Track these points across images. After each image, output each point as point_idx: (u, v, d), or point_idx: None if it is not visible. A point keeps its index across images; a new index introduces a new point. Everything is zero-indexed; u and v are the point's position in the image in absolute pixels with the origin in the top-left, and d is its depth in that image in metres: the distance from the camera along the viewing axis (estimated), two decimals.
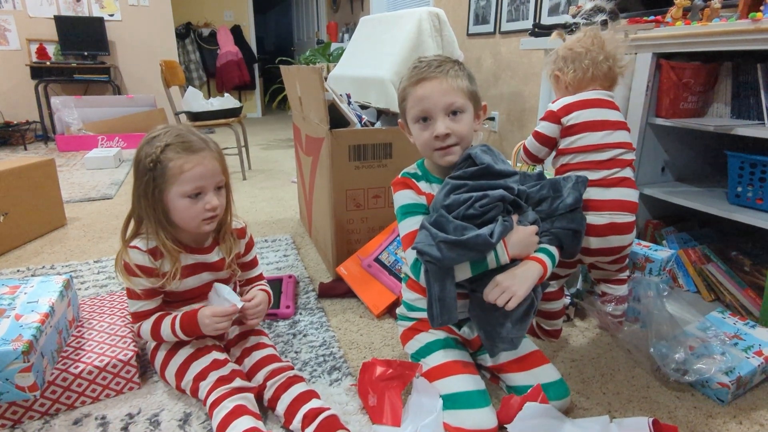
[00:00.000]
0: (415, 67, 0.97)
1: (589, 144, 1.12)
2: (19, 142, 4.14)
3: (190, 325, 1.00)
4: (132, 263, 0.98)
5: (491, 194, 0.91)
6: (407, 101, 0.98)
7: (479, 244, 0.87)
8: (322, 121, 1.49)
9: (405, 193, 1.02)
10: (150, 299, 1.03)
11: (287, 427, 0.93)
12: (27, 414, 0.96)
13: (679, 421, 0.98)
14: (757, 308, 1.28)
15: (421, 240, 0.90)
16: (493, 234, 0.88)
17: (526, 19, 2.78)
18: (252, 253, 1.18)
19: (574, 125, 1.13)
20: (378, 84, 2.28)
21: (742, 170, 1.26)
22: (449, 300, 0.91)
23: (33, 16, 4.33)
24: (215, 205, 0.98)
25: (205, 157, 0.96)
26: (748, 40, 1.16)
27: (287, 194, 2.69)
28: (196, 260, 1.05)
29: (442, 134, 0.94)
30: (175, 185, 0.94)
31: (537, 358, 1.02)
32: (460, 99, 0.95)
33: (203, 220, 0.98)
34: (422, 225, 0.93)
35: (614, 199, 1.10)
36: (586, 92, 1.17)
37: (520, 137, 2.79)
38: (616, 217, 1.09)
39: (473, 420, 0.89)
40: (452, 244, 0.87)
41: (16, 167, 1.88)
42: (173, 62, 3.25)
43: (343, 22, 5.78)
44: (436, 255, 0.87)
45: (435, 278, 0.91)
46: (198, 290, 1.07)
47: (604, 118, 1.13)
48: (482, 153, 0.95)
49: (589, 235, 1.10)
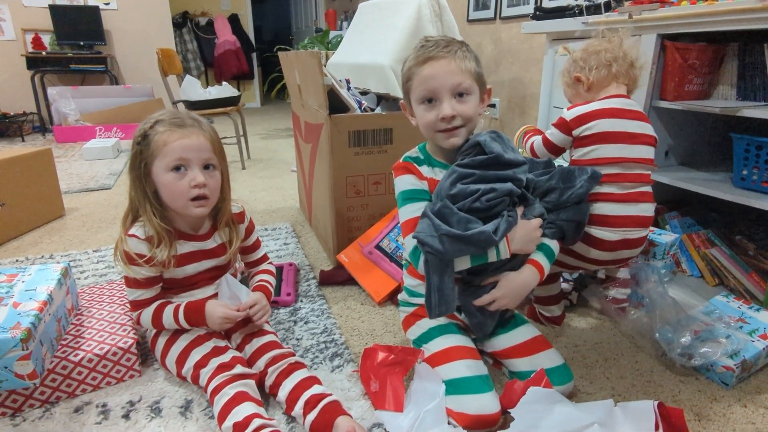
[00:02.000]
0: (422, 47, 0.95)
1: (602, 157, 1.06)
2: (17, 134, 4.11)
3: (195, 316, 0.99)
4: (131, 251, 0.97)
5: (499, 188, 0.89)
6: (412, 81, 0.95)
7: (482, 241, 0.87)
8: (321, 107, 1.46)
9: (406, 179, 1.00)
10: (149, 288, 1.02)
11: (289, 413, 0.93)
12: (27, 402, 0.95)
13: (683, 405, 0.98)
14: (761, 292, 1.27)
15: (423, 230, 0.89)
16: (497, 231, 0.87)
17: (527, 4, 2.74)
18: (253, 236, 1.17)
19: (588, 136, 1.08)
20: (378, 70, 2.25)
21: (748, 153, 1.24)
22: (448, 291, 0.91)
23: (28, 6, 4.27)
24: (201, 181, 0.95)
25: (192, 132, 0.95)
26: (754, 19, 1.14)
27: (287, 183, 2.67)
28: (194, 248, 1.04)
29: (448, 116, 0.92)
30: (158, 158, 0.94)
31: (540, 343, 1.01)
32: (468, 80, 0.93)
33: (191, 200, 0.96)
34: (425, 213, 0.91)
35: (632, 215, 1.05)
36: (606, 100, 1.10)
37: (521, 123, 2.77)
38: (630, 233, 1.05)
39: (476, 405, 0.88)
40: (455, 238, 0.85)
41: (13, 157, 1.86)
42: (170, 50, 3.21)
43: (341, 9, 5.71)
44: (437, 247, 0.86)
45: (434, 269, 0.90)
46: (197, 277, 1.06)
47: (622, 129, 1.06)
48: (491, 141, 0.93)
49: (600, 249, 1.06)
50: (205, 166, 0.97)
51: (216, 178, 1.00)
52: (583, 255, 1.10)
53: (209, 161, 0.98)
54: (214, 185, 0.99)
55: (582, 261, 1.12)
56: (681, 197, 1.56)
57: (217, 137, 1.01)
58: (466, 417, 0.88)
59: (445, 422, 0.88)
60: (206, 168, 0.98)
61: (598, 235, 1.06)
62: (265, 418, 0.86)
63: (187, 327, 1.00)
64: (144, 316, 1.01)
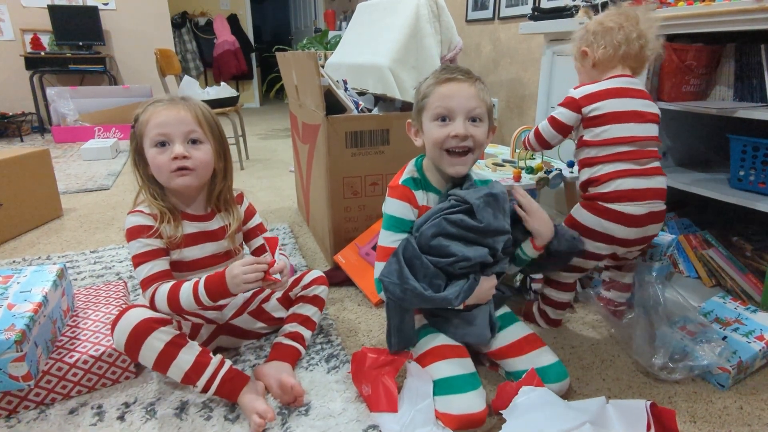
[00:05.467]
0: (444, 69, 0.98)
1: (616, 136, 1.06)
2: (16, 134, 4.11)
3: (216, 286, 0.92)
4: (133, 224, 0.97)
5: (473, 257, 0.92)
6: (429, 98, 0.96)
7: (442, 302, 0.92)
8: (318, 108, 1.46)
9: (399, 205, 1.00)
10: (157, 258, 0.97)
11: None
12: (22, 404, 0.95)
13: (679, 406, 0.98)
14: (758, 293, 1.27)
15: (390, 274, 0.93)
16: (458, 296, 0.91)
17: (525, 4, 2.73)
18: (255, 220, 1.15)
19: (599, 116, 1.08)
20: (376, 71, 2.25)
21: (745, 153, 1.24)
22: (408, 329, 0.99)
23: (26, 6, 4.27)
24: (179, 152, 0.95)
25: (175, 107, 0.96)
26: (751, 20, 1.13)
27: (285, 183, 2.67)
28: (197, 228, 1.03)
29: (461, 134, 0.93)
30: (145, 135, 0.96)
31: (532, 341, 1.01)
32: (482, 108, 0.96)
33: (172, 172, 0.96)
34: (396, 254, 0.95)
35: (652, 188, 1.06)
36: (611, 80, 1.11)
37: (520, 124, 2.77)
38: (653, 205, 1.07)
39: (460, 404, 0.89)
40: (417, 294, 0.90)
41: (10, 158, 1.86)
42: (168, 51, 3.21)
43: (340, 9, 5.70)
44: (398, 296, 0.92)
45: (395, 312, 0.98)
46: (202, 262, 1.04)
47: (631, 108, 1.07)
48: (484, 206, 0.93)
49: (630, 225, 1.06)
50: (192, 140, 0.98)
51: (203, 150, 0.99)
52: (612, 236, 1.08)
53: (192, 134, 0.97)
54: (201, 157, 0.98)
55: (612, 243, 1.09)
56: (678, 198, 1.56)
57: (206, 113, 1.00)
58: (452, 417, 0.88)
59: (433, 422, 0.88)
60: (193, 143, 0.98)
61: (626, 211, 1.05)
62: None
63: (207, 302, 0.93)
64: (159, 296, 0.94)
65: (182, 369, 0.91)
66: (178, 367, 0.90)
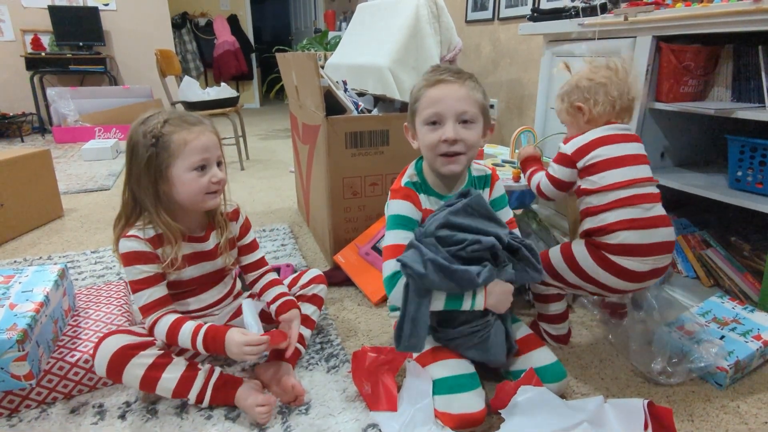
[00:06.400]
0: (434, 71, 0.97)
1: (614, 182, 1.03)
2: (16, 134, 4.12)
3: (214, 344, 0.93)
4: (129, 250, 0.95)
5: (483, 241, 0.90)
6: (420, 102, 0.97)
7: (465, 279, 0.87)
8: (318, 108, 1.47)
9: (403, 205, 1.00)
10: (156, 285, 0.97)
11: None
12: (24, 403, 0.96)
13: (677, 405, 0.98)
14: (756, 293, 1.28)
15: (409, 255, 0.90)
16: (480, 275, 0.88)
17: (525, 5, 2.74)
18: (250, 236, 1.15)
19: (594, 164, 1.05)
20: (375, 71, 2.25)
21: (743, 154, 1.25)
22: (422, 323, 0.90)
23: (27, 7, 4.28)
24: (221, 177, 0.98)
25: (205, 130, 0.96)
26: (749, 21, 1.14)
27: (285, 184, 2.68)
28: (193, 249, 1.03)
29: (451, 138, 0.93)
30: (180, 158, 0.93)
31: (531, 341, 1.02)
32: (473, 109, 0.95)
33: (207, 194, 0.97)
34: (411, 243, 0.92)
35: (659, 242, 1.01)
36: (601, 128, 1.09)
37: (519, 124, 2.77)
38: (659, 261, 1.01)
39: (459, 404, 0.89)
40: (440, 266, 0.86)
41: (11, 158, 1.86)
42: (169, 51, 3.22)
43: (340, 10, 5.71)
44: (420, 271, 0.86)
45: (413, 296, 0.90)
46: (199, 280, 1.05)
47: (623, 153, 1.05)
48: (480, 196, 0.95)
49: (629, 280, 1.01)
50: (218, 162, 1.00)
51: (224, 173, 1.02)
52: (606, 284, 1.04)
53: (221, 158, 1.00)
54: (226, 177, 1.02)
55: (603, 289, 1.07)
56: (677, 198, 1.56)
57: (218, 133, 1.03)
58: (451, 417, 0.88)
59: (432, 421, 0.89)
60: (218, 165, 1.00)
61: (629, 267, 1.00)
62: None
63: (203, 352, 0.95)
64: (159, 327, 0.95)
65: (169, 388, 0.92)
66: (164, 387, 0.91)
